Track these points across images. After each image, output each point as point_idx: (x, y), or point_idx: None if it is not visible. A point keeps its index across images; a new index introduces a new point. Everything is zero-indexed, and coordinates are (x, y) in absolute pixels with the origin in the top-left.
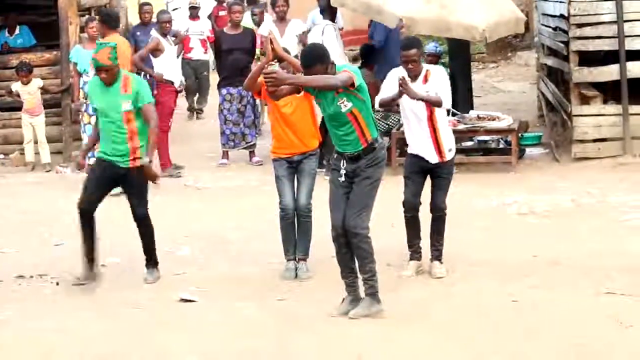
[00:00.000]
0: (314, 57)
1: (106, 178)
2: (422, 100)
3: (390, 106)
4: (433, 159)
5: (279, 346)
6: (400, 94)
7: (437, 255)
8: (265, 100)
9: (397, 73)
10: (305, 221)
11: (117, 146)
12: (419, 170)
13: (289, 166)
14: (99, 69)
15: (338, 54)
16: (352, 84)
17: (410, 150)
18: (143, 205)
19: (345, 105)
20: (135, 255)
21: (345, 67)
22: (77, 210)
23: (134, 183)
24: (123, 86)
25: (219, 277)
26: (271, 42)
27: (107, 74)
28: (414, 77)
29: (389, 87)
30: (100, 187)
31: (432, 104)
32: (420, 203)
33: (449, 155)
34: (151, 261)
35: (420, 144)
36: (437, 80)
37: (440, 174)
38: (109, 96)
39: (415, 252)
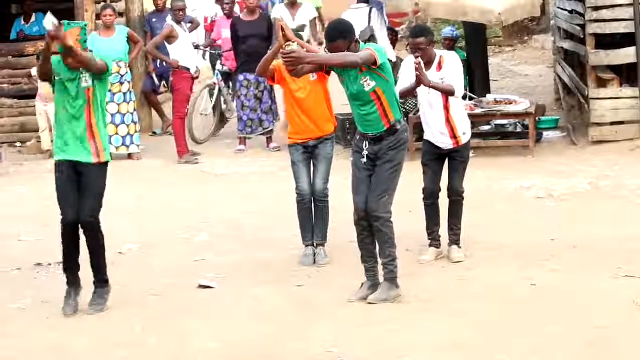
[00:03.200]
0: (338, 32)
1: (72, 181)
2: (435, 88)
3: (410, 96)
4: (448, 144)
5: (298, 331)
6: (418, 83)
7: (455, 239)
8: (280, 85)
9: (412, 61)
10: (322, 206)
11: (75, 135)
12: (436, 157)
13: (305, 151)
14: (62, 55)
15: (385, 37)
16: (375, 62)
17: (426, 136)
18: (96, 211)
19: (369, 84)
20: (152, 241)
21: (368, 45)
22: (64, 228)
23: (91, 181)
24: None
25: (237, 263)
26: (282, 29)
27: (73, 59)
28: (427, 63)
29: (406, 77)
30: (74, 192)
31: (444, 92)
32: (440, 190)
33: (464, 139)
34: (101, 281)
35: (435, 131)
36: (450, 67)
37: (456, 158)
38: (70, 73)
39: (434, 240)
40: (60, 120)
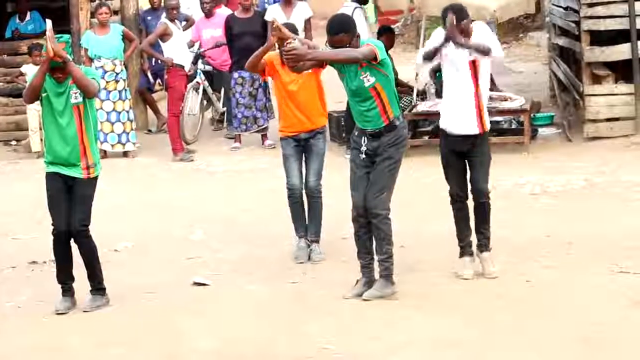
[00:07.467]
0: (340, 26)
1: (63, 192)
2: (469, 47)
3: (434, 58)
4: (473, 129)
5: (293, 328)
6: (447, 39)
7: (485, 243)
8: (272, 78)
9: (441, 32)
10: (315, 202)
11: (65, 152)
12: (456, 155)
13: (297, 145)
14: (54, 68)
15: (367, 37)
16: (375, 58)
17: (444, 125)
18: (86, 220)
19: (369, 79)
20: (147, 239)
21: (368, 41)
22: (55, 237)
23: (81, 193)
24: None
25: (232, 261)
26: (278, 29)
27: (64, 73)
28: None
29: (432, 44)
30: (65, 202)
31: (479, 52)
32: (468, 192)
33: (487, 125)
34: (95, 287)
35: (460, 112)
36: (480, 34)
37: (476, 154)
38: (58, 87)
39: (468, 246)
40: (49, 136)
